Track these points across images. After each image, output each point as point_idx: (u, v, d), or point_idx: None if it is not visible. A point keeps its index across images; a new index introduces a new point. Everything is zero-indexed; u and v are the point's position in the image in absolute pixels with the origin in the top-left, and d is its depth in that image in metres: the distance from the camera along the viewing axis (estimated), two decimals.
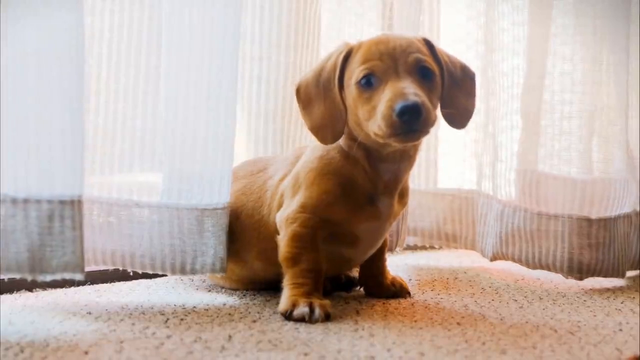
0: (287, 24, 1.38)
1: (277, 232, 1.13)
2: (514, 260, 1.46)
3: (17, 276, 0.99)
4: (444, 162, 1.68)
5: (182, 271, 1.16)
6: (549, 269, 1.43)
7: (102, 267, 1.22)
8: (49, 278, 0.99)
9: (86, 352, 0.87)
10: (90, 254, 1.16)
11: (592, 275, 1.41)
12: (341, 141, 1.12)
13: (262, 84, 1.37)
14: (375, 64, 1.04)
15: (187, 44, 1.14)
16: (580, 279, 1.41)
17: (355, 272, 1.32)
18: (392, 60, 1.04)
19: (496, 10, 1.50)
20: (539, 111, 1.47)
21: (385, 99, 1.01)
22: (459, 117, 1.13)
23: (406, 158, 1.12)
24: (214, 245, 1.16)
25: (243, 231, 1.19)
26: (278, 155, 1.31)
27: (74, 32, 1.00)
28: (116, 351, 0.88)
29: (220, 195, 1.17)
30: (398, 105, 0.98)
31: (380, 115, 1.01)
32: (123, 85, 1.17)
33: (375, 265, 1.25)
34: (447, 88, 1.11)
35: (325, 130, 1.10)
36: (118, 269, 1.21)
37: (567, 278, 1.42)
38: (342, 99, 1.09)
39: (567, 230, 1.40)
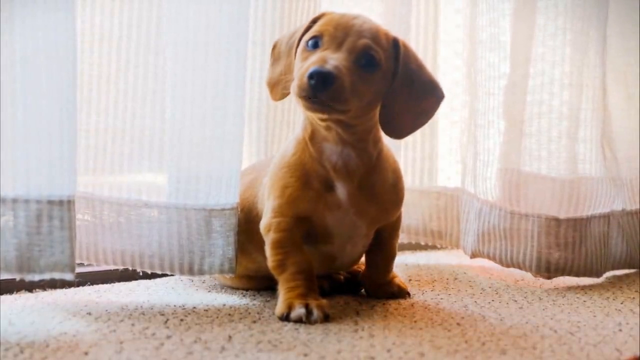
0: (272, 23, 1.38)
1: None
2: (489, 258, 1.47)
3: (6, 275, 0.99)
4: (433, 160, 1.67)
5: (191, 272, 1.16)
6: (519, 268, 1.43)
7: (111, 267, 1.22)
8: (37, 278, 0.99)
9: (86, 353, 0.87)
10: (101, 254, 1.16)
11: (562, 274, 1.41)
12: (300, 129, 1.13)
13: (246, 82, 1.36)
14: (327, 30, 1.06)
15: (192, 42, 1.13)
16: (549, 277, 1.41)
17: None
18: (343, 34, 1.06)
19: (480, 12, 1.49)
20: (523, 111, 1.47)
21: (309, 61, 1.03)
22: (392, 125, 1.11)
23: (349, 144, 1.10)
24: (222, 246, 1.16)
25: (246, 223, 1.19)
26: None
27: (65, 31, 1.00)
28: (116, 351, 0.88)
29: (228, 195, 1.16)
30: (312, 69, 1.00)
31: (298, 75, 1.03)
32: (132, 84, 1.17)
33: (377, 270, 1.24)
34: (395, 90, 1.09)
35: (277, 86, 1.14)
36: (117, 269, 1.21)
37: (535, 277, 1.43)
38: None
39: (537, 230, 1.40)
